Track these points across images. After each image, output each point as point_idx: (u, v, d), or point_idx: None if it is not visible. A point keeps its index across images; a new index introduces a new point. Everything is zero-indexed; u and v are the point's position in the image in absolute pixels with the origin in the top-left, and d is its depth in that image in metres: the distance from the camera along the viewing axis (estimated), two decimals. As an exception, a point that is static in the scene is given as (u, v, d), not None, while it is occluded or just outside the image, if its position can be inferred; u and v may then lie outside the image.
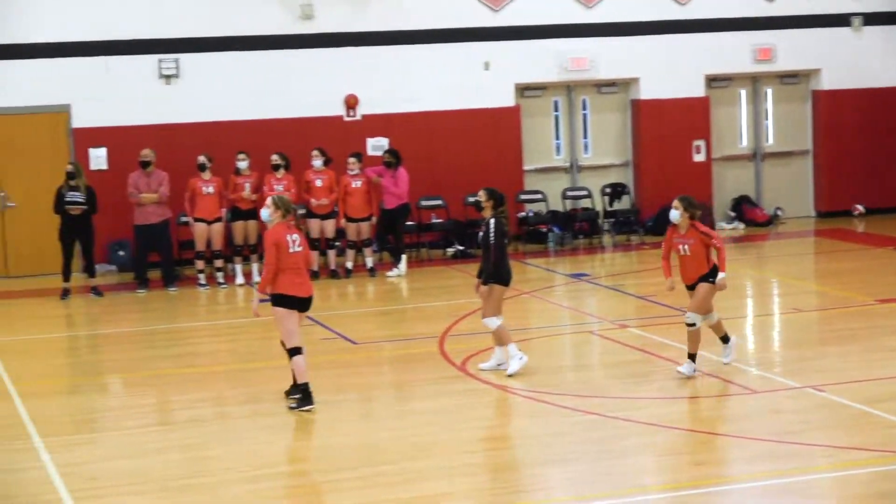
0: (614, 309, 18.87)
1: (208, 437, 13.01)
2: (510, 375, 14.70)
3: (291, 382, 13.95)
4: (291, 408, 13.72)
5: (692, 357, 14.27)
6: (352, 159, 22.12)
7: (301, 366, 13.67)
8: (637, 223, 25.18)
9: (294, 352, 13.68)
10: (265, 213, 13.89)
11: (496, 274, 14.77)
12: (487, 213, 14.85)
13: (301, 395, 13.70)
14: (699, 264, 14.24)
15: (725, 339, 14.65)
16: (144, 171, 21.50)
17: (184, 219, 22.01)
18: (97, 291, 21.12)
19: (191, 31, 23.36)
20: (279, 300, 13.64)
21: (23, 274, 22.92)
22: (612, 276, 21.95)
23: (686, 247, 14.22)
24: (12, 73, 22.62)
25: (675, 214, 14.24)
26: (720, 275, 14.21)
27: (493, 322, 14.82)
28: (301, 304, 13.73)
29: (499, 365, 15.03)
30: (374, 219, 22.22)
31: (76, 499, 11.17)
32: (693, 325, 14.19)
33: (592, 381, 14.60)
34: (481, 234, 14.88)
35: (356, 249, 22.30)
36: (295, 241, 13.71)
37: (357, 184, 22.02)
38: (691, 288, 14.35)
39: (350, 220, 22.04)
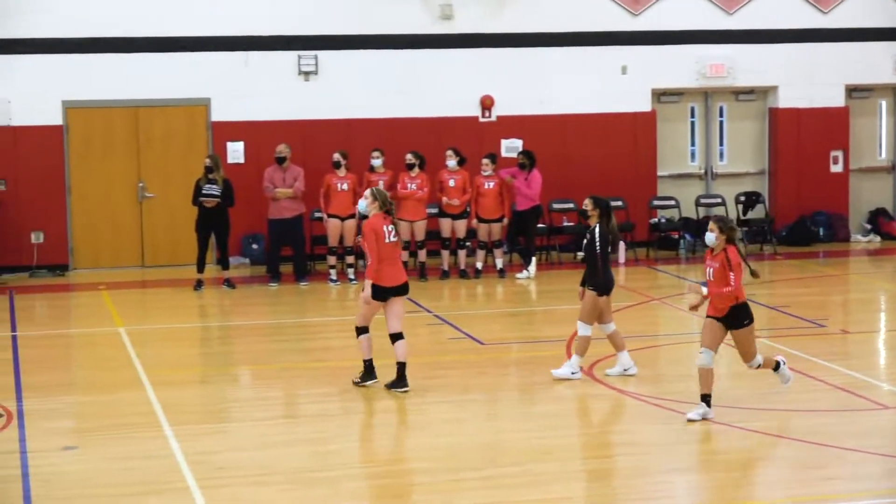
0: (745, 319, 18.65)
1: (334, 431, 13.11)
2: (553, 373, 14.95)
3: (397, 377, 14.48)
4: (355, 382, 14.58)
5: (777, 366, 13.94)
6: (486, 160, 22.14)
7: (365, 344, 14.51)
8: (771, 233, 24.90)
9: (361, 331, 14.50)
10: (362, 203, 14.50)
11: (600, 282, 14.76)
12: (593, 221, 14.78)
13: (365, 369, 14.59)
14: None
15: (777, 367, 13.97)
16: (280, 166, 21.73)
17: (317, 214, 22.21)
18: (230, 284, 21.40)
19: (330, 28, 23.53)
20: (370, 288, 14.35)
21: (158, 264, 23.28)
22: (744, 285, 21.61)
23: (711, 270, 13.33)
24: (155, 66, 22.92)
25: (711, 237, 13.31)
26: (702, 286, 13.46)
27: (585, 329, 14.84)
28: (393, 292, 14.33)
29: (625, 370, 15.02)
30: (505, 220, 22.23)
31: (203, 487, 11.34)
32: (759, 365, 13.71)
33: (720, 390, 14.43)
34: (585, 241, 14.84)
35: (486, 250, 22.34)
36: (391, 232, 14.24)
37: (490, 185, 22.04)
38: (717, 319, 13.36)
39: (482, 220, 22.08)
